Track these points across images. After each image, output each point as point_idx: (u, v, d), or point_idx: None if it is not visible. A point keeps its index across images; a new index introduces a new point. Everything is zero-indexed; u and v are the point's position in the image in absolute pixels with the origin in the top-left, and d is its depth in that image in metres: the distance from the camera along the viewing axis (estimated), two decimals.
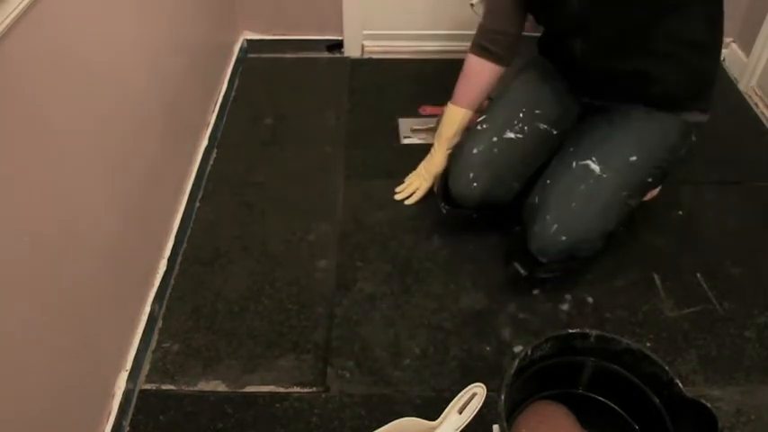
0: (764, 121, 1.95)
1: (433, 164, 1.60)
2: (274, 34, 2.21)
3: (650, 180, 1.37)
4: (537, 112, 1.46)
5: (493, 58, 1.46)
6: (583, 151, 1.36)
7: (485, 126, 1.46)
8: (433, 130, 1.79)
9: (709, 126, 1.92)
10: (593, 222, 1.31)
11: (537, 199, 1.35)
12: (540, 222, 1.31)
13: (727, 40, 2.19)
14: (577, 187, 1.31)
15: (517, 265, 1.39)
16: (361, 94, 2.05)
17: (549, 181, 1.36)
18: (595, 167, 1.32)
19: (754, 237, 1.59)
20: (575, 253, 1.33)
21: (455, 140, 1.54)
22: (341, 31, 2.19)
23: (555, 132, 1.46)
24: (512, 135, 1.44)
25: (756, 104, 2.00)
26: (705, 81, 1.40)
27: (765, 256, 1.54)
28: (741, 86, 2.08)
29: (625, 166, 1.33)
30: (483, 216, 1.53)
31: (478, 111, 1.56)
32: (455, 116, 1.53)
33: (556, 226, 1.29)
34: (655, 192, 1.64)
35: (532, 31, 1.52)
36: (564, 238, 1.29)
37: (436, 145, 1.59)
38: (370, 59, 2.22)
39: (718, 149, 1.84)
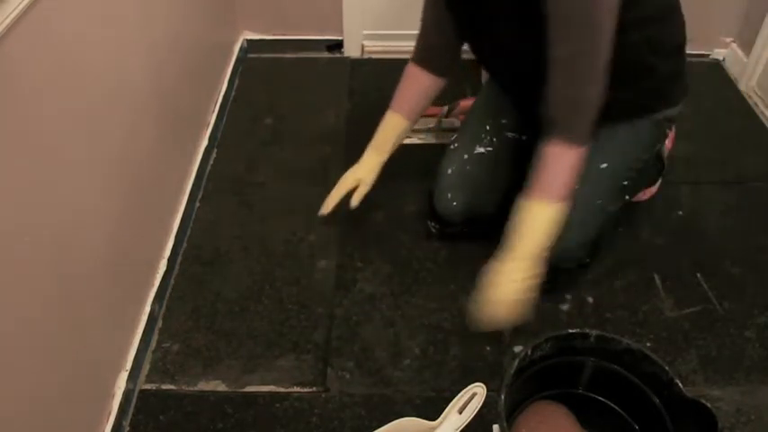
0: (764, 121, 1.95)
1: (360, 169, 1.49)
2: (274, 34, 2.21)
3: (626, 183, 1.37)
4: (503, 121, 1.46)
5: (429, 69, 1.42)
6: None
7: (456, 144, 1.49)
8: (433, 130, 1.79)
9: (710, 126, 1.93)
10: (569, 235, 1.31)
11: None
12: None
13: (727, 40, 2.19)
14: None
15: None
16: (361, 94, 2.05)
17: None
18: None
19: (754, 237, 1.59)
20: (559, 265, 1.34)
21: (387, 147, 1.47)
22: (341, 31, 2.19)
23: (524, 138, 1.46)
24: (482, 149, 1.45)
25: (756, 104, 2.00)
26: (663, 89, 1.35)
27: (765, 256, 1.54)
28: (741, 86, 2.08)
29: (596, 175, 1.33)
30: (474, 229, 1.51)
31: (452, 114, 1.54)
32: (389, 122, 1.47)
33: None
34: (653, 189, 1.65)
35: None
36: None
37: (366, 152, 1.50)
38: (370, 59, 2.22)
39: (718, 149, 1.84)
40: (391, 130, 1.47)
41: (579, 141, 1.19)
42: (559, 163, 1.20)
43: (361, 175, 1.48)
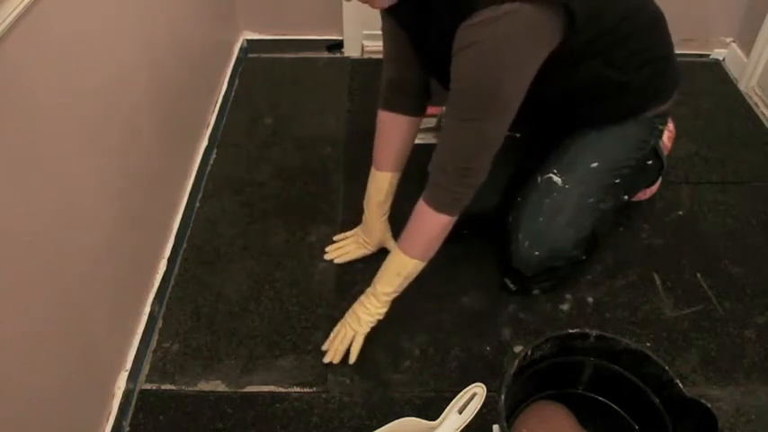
0: (764, 121, 1.95)
1: (372, 233, 1.47)
2: (274, 34, 2.21)
3: (618, 181, 1.37)
4: None
5: (403, 110, 1.37)
6: (546, 166, 1.37)
7: None
8: (433, 130, 1.79)
9: (710, 126, 1.93)
10: (561, 234, 1.33)
11: (510, 218, 1.39)
12: (513, 241, 1.36)
13: (727, 40, 2.19)
14: (543, 202, 1.34)
15: (507, 281, 1.44)
16: (361, 94, 2.05)
17: (519, 199, 1.39)
18: (558, 180, 1.34)
19: (754, 237, 1.59)
20: (554, 264, 1.37)
21: (387, 205, 1.45)
22: (341, 31, 2.19)
23: (518, 135, 1.46)
24: None
25: (756, 104, 2.00)
26: (646, 94, 1.34)
27: (765, 256, 1.54)
28: (741, 86, 2.08)
29: (587, 174, 1.34)
30: (474, 229, 1.51)
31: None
32: (381, 182, 1.42)
33: (527, 243, 1.34)
34: (654, 189, 1.65)
35: None
36: (537, 253, 1.33)
37: (367, 213, 1.47)
38: (370, 59, 2.21)
39: (718, 149, 1.84)
40: (386, 188, 1.43)
41: (444, 210, 1.19)
42: (423, 223, 1.22)
43: (376, 241, 1.48)
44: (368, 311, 1.29)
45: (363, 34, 2.20)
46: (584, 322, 1.40)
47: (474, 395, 1.11)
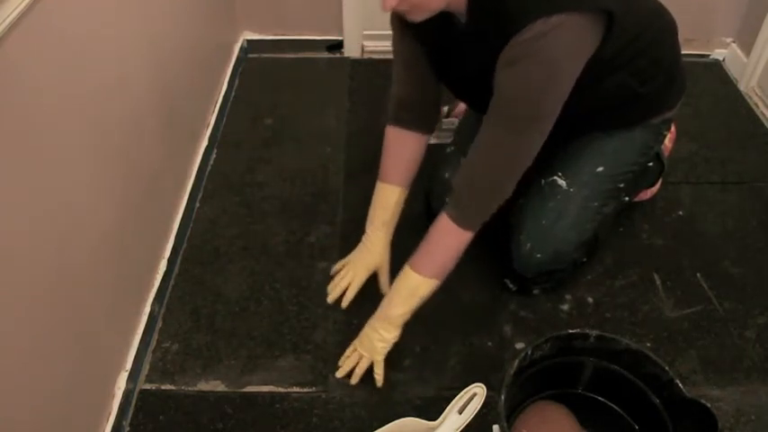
0: (764, 122, 1.95)
1: (374, 253, 1.36)
2: (274, 34, 2.21)
3: (622, 185, 1.37)
4: None
5: (413, 128, 1.34)
6: (551, 169, 1.37)
7: (452, 148, 1.48)
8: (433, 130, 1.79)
9: (710, 126, 1.93)
10: (564, 237, 1.33)
11: (513, 219, 1.38)
12: (515, 242, 1.36)
13: (727, 40, 2.19)
14: (546, 204, 1.34)
15: (508, 282, 1.44)
16: (361, 94, 2.05)
17: (521, 201, 1.38)
18: (562, 183, 1.34)
19: (754, 237, 1.59)
20: (555, 266, 1.37)
21: (393, 224, 1.37)
22: (341, 31, 2.19)
23: None
24: None
25: (756, 104, 2.00)
26: (656, 102, 1.33)
27: (765, 256, 1.54)
28: (741, 86, 2.08)
29: (592, 178, 1.34)
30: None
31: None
32: (388, 196, 1.36)
33: (529, 244, 1.34)
34: (654, 189, 1.65)
35: None
36: (539, 255, 1.33)
37: (369, 232, 1.37)
38: (370, 59, 2.22)
39: (718, 149, 1.84)
40: (394, 205, 1.36)
41: (469, 226, 1.17)
42: (444, 240, 1.20)
43: (377, 263, 1.36)
44: (382, 338, 1.23)
45: (363, 34, 2.20)
46: (584, 322, 1.40)
47: (474, 395, 1.11)
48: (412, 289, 1.21)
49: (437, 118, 1.40)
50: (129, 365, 1.26)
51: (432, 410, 1.15)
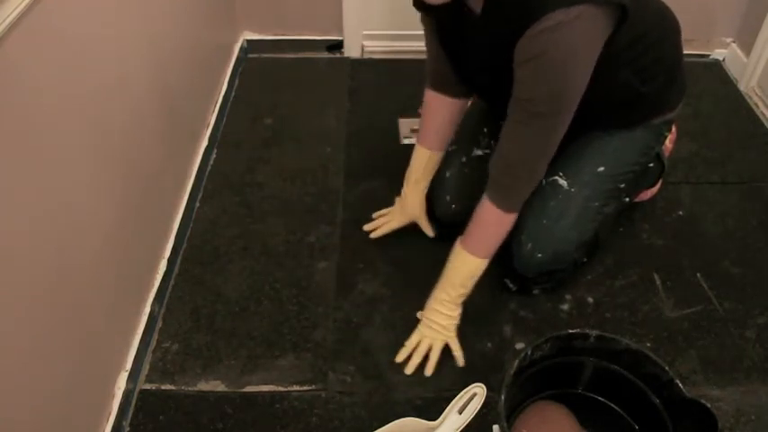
0: (764, 122, 1.95)
1: (408, 207, 1.52)
2: (274, 34, 2.21)
3: (623, 185, 1.37)
4: (500, 123, 1.46)
5: (448, 93, 1.40)
6: (552, 168, 1.36)
7: (454, 147, 1.49)
8: None
9: (710, 126, 1.93)
10: (565, 237, 1.33)
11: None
12: (516, 242, 1.36)
13: (727, 40, 2.19)
14: (547, 204, 1.34)
15: (508, 282, 1.44)
16: (361, 94, 2.05)
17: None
18: (563, 183, 1.35)
19: (754, 237, 1.59)
20: (556, 266, 1.37)
21: (424, 183, 1.49)
22: (341, 31, 2.19)
23: None
24: (480, 152, 1.46)
25: (756, 104, 2.00)
26: (657, 103, 1.34)
27: (765, 256, 1.54)
28: (741, 86, 2.08)
29: (593, 178, 1.34)
30: None
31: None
32: (421, 158, 1.48)
33: (530, 244, 1.34)
34: (654, 189, 1.65)
35: None
36: (540, 255, 1.34)
37: (406, 187, 1.51)
38: (370, 59, 2.22)
39: (718, 149, 1.84)
40: (423, 165, 1.48)
41: (512, 209, 1.24)
42: (491, 225, 1.26)
43: (414, 214, 1.52)
44: (450, 317, 1.30)
45: (363, 34, 2.20)
46: (584, 322, 1.40)
47: (474, 395, 1.11)
48: (473, 271, 1.28)
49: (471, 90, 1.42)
50: (129, 365, 1.26)
51: (432, 410, 1.15)
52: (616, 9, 1.03)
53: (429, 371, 1.29)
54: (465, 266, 1.28)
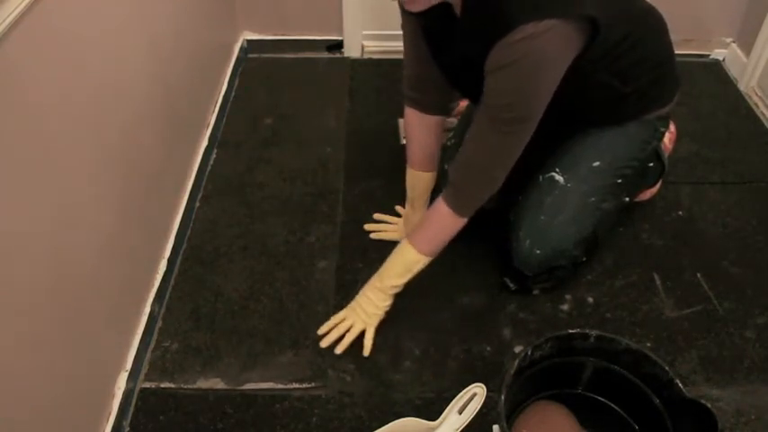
0: (764, 122, 1.95)
1: (407, 225, 1.52)
2: (274, 34, 2.21)
3: (620, 181, 1.37)
4: None
5: (425, 109, 1.38)
6: (548, 165, 1.38)
7: (453, 141, 1.50)
8: None
9: (710, 126, 1.93)
10: (563, 232, 1.33)
11: (512, 217, 1.40)
12: (515, 239, 1.37)
13: (727, 40, 2.19)
14: (544, 200, 1.34)
15: (507, 281, 1.44)
16: (361, 94, 2.05)
17: (521, 197, 1.39)
18: (559, 178, 1.35)
19: (754, 237, 1.59)
20: (555, 263, 1.37)
21: (421, 202, 1.48)
22: (341, 31, 2.19)
23: None
24: None
25: (756, 104, 2.00)
26: (645, 99, 1.34)
27: (765, 256, 1.54)
28: (741, 86, 2.08)
29: (589, 173, 1.34)
30: (476, 223, 1.51)
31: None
32: (412, 180, 1.47)
33: (528, 241, 1.34)
34: (654, 189, 1.65)
35: None
36: (538, 251, 1.34)
37: (407, 208, 1.52)
38: (370, 59, 2.22)
39: (718, 149, 1.84)
40: (419, 186, 1.47)
41: (464, 213, 1.24)
42: (442, 224, 1.27)
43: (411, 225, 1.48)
44: (377, 306, 1.32)
45: (363, 34, 2.20)
46: (584, 322, 1.40)
47: (474, 395, 1.11)
48: (410, 264, 1.29)
49: (450, 98, 1.42)
50: (129, 365, 1.26)
51: (432, 410, 1.15)
52: (588, 24, 1.05)
53: (339, 349, 1.32)
54: (404, 258, 1.29)
